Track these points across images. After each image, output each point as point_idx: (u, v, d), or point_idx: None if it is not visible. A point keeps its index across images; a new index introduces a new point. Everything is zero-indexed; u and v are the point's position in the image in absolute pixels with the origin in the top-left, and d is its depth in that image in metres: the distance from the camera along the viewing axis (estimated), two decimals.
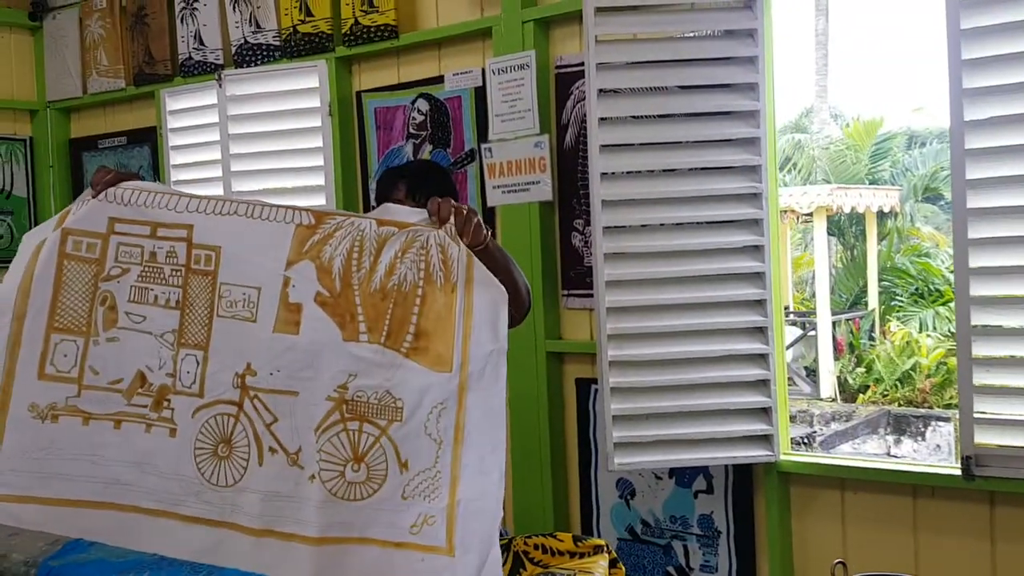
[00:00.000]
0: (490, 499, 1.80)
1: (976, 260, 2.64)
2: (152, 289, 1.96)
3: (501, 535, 1.93)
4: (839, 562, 2.06)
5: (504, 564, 1.92)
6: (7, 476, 1.90)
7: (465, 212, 1.92)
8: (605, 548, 1.89)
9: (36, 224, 3.84)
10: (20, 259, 1.98)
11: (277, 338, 1.90)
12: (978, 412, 2.65)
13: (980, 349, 2.65)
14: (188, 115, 4.18)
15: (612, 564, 1.87)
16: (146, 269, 1.96)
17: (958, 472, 2.68)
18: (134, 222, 1.98)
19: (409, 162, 3.60)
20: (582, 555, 1.87)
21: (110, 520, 1.88)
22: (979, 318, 2.65)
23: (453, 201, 1.93)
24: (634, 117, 3.01)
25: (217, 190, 3.95)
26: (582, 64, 3.08)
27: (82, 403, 1.94)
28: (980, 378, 2.64)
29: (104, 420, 1.94)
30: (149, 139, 4.47)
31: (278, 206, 1.96)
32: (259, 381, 1.90)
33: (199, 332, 1.94)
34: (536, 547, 1.93)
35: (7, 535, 1.60)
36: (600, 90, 2.94)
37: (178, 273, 1.95)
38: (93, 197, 1.98)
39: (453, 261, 1.89)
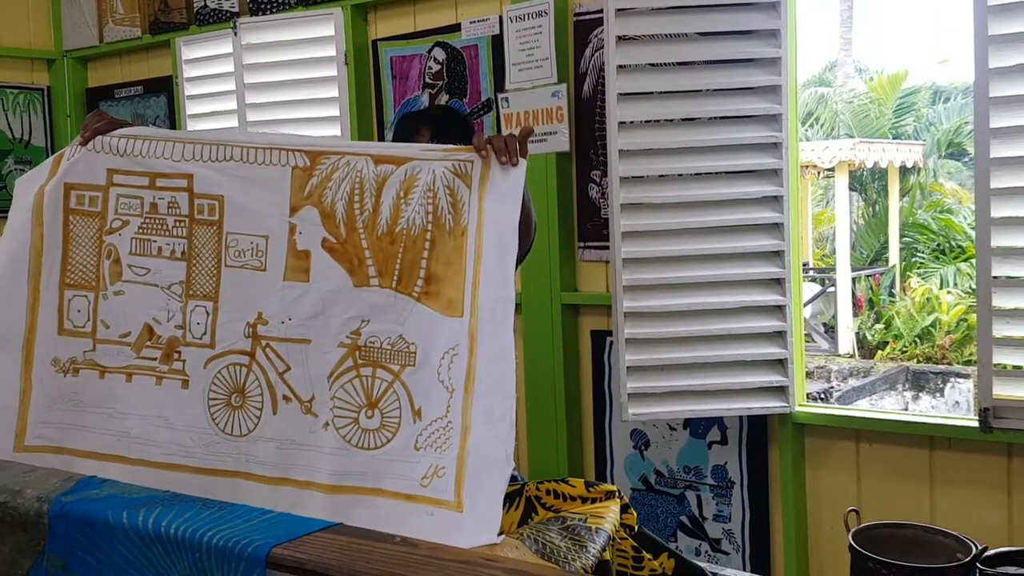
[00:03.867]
0: (499, 450, 1.77)
1: (998, 210, 2.61)
2: (155, 240, 1.95)
3: (515, 479, 1.93)
4: (852, 510, 2.05)
5: (516, 509, 1.92)
6: (40, 428, 1.94)
7: (518, 136, 1.86)
8: (617, 494, 1.88)
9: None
10: (19, 210, 1.97)
11: (288, 286, 1.88)
12: (997, 364, 2.63)
13: (1000, 300, 2.63)
14: (204, 64, 4.16)
15: (624, 510, 1.86)
16: (147, 220, 1.96)
17: (975, 424, 2.67)
18: (131, 173, 1.97)
19: (429, 107, 3.57)
20: (594, 500, 1.86)
21: (120, 473, 1.89)
22: (1000, 269, 2.62)
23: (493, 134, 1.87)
24: (652, 65, 2.97)
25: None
26: (601, 11, 3.03)
27: (98, 357, 1.96)
28: (1000, 330, 2.62)
29: (117, 373, 1.95)
30: (165, 88, 4.46)
31: (271, 147, 1.92)
32: (271, 330, 1.89)
33: (207, 283, 1.93)
34: (548, 492, 1.92)
35: (22, 472, 1.62)
36: (619, 37, 2.89)
37: (182, 224, 1.94)
38: (81, 144, 1.98)
39: (463, 204, 1.85)
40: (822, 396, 8.76)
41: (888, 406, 9.07)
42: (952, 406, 9.25)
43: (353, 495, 1.82)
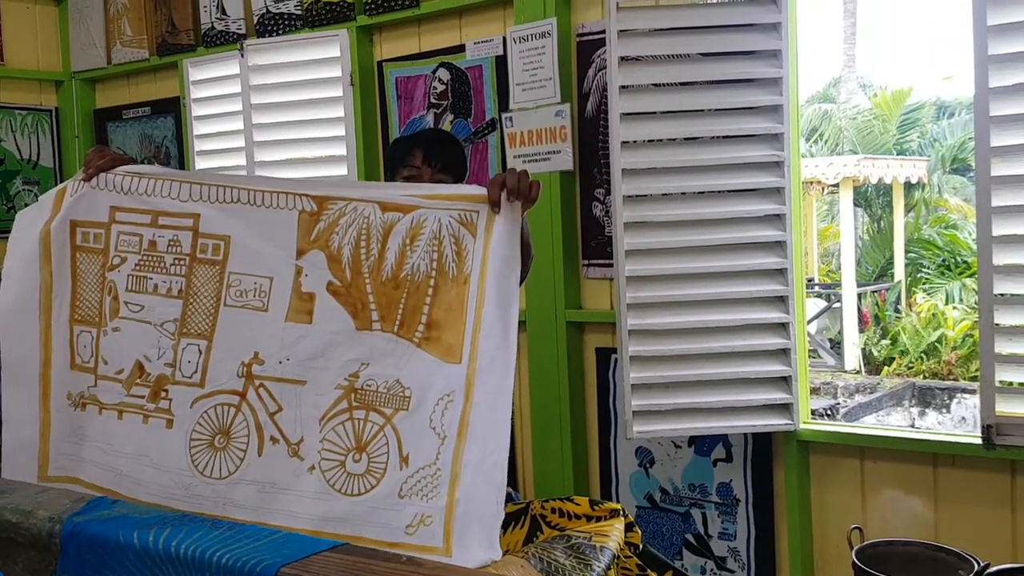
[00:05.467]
0: (490, 500, 1.77)
1: (999, 228, 2.62)
2: (151, 278, 1.98)
3: (512, 498, 1.94)
4: (855, 527, 2.06)
5: (521, 527, 1.94)
6: (60, 459, 1.99)
7: (531, 182, 1.89)
8: (621, 512, 1.90)
9: None
10: (25, 245, 2.00)
11: (289, 327, 1.91)
12: (1000, 381, 2.64)
13: (1003, 318, 2.64)
14: (211, 85, 4.19)
15: (628, 528, 1.88)
16: (144, 258, 1.98)
17: (979, 441, 2.68)
18: (133, 210, 2.00)
19: (422, 130, 3.60)
20: (598, 519, 1.88)
21: None
22: (1002, 287, 2.64)
23: (505, 171, 1.90)
24: (655, 85, 2.99)
25: (240, 160, 3.98)
26: (603, 32, 3.06)
27: (98, 393, 1.99)
28: (1002, 347, 2.63)
29: (111, 410, 1.98)
30: (173, 109, 4.50)
31: (278, 191, 1.95)
32: (267, 370, 1.91)
33: (203, 322, 1.95)
34: (553, 511, 1.94)
35: (34, 492, 1.64)
36: (621, 58, 2.92)
37: (181, 262, 1.97)
38: (84, 180, 2.00)
39: (468, 253, 1.88)
40: (829, 412, 8.74)
41: (894, 422, 9.05)
42: (958, 422, 9.23)
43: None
